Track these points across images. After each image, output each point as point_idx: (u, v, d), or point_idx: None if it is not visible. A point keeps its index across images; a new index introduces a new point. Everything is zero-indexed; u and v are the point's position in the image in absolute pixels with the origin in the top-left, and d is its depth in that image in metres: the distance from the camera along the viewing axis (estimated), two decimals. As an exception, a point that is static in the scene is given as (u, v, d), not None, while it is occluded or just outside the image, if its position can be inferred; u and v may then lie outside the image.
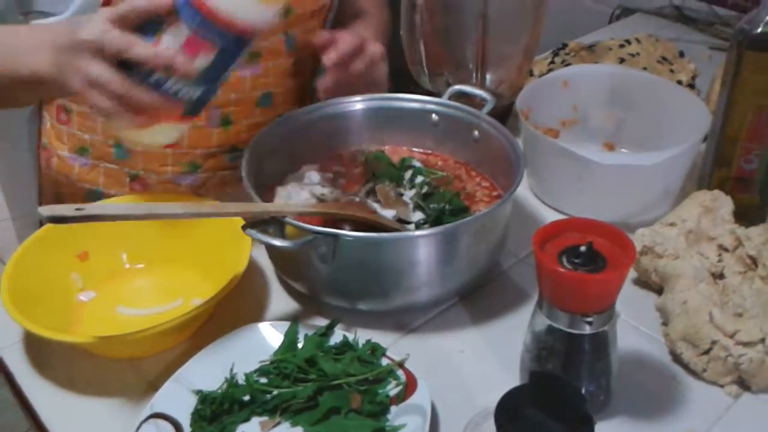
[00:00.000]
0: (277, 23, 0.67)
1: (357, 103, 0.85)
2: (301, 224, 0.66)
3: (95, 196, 0.89)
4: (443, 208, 0.75)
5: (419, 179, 0.80)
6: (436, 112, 0.84)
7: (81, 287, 0.74)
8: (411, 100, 0.85)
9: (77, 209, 0.58)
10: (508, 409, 0.49)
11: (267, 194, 0.77)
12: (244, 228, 0.66)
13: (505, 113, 1.00)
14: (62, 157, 0.92)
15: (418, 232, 0.68)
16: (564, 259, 0.56)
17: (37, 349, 0.68)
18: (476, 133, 0.81)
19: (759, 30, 0.72)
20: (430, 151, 0.87)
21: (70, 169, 0.92)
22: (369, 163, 0.84)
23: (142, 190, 0.89)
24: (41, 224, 0.85)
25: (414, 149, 0.87)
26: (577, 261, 0.55)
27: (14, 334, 0.69)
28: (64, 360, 0.67)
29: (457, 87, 0.86)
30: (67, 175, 0.92)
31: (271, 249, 0.74)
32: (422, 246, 0.67)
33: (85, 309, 0.72)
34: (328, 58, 0.77)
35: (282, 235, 0.68)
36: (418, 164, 0.83)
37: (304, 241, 0.65)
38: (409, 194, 0.78)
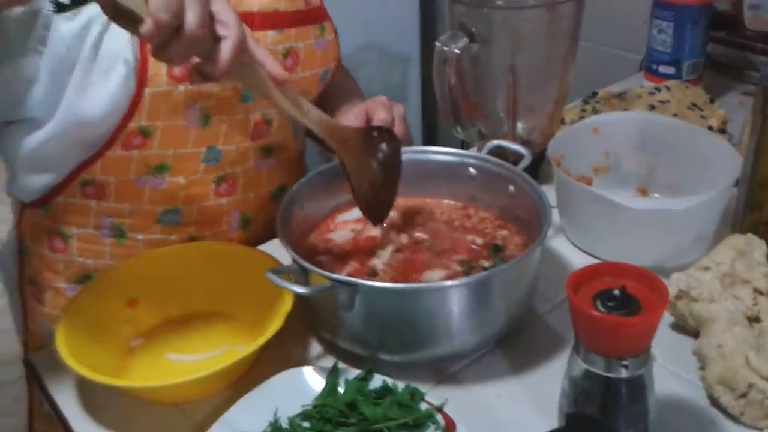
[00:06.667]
0: None
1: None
2: (320, 271, 0.68)
3: None
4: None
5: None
6: (474, 166, 0.87)
7: (131, 334, 0.77)
8: (449, 154, 0.88)
9: None
10: (546, 451, 0.50)
11: (299, 244, 0.81)
12: (267, 273, 0.67)
13: (537, 160, 1.02)
14: (58, 290, 0.90)
15: (449, 283, 0.70)
16: (598, 303, 0.57)
17: (91, 393, 0.71)
18: (512, 188, 0.83)
19: (786, 76, 0.74)
20: (467, 205, 0.89)
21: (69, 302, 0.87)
22: None
23: None
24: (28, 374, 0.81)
25: (451, 201, 0.89)
26: (611, 305, 0.56)
27: (69, 379, 0.72)
28: (116, 404, 0.70)
29: (496, 142, 0.89)
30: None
31: (305, 304, 0.75)
32: (454, 297, 0.68)
33: (134, 355, 0.75)
34: None
35: (306, 283, 0.70)
36: None
37: (322, 288, 0.67)
38: None
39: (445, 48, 0.91)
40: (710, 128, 1.01)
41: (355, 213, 0.87)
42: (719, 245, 0.76)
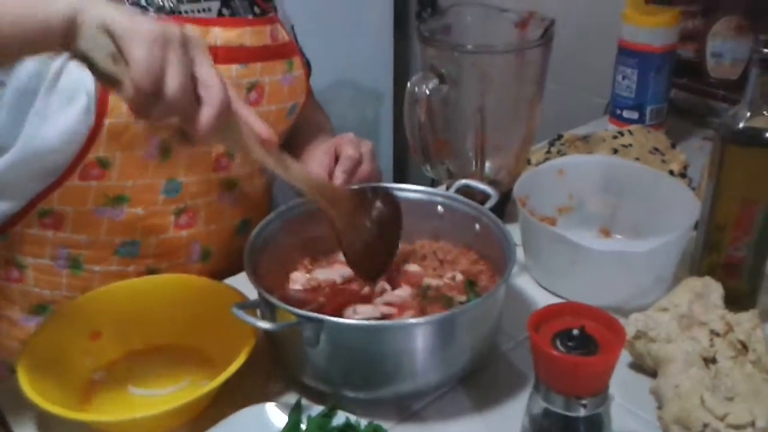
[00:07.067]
0: None
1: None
2: (287, 307, 0.68)
3: None
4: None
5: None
6: (442, 204, 0.88)
7: (93, 367, 0.76)
8: (418, 191, 0.89)
9: None
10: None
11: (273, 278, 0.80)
12: (232, 308, 0.67)
13: (504, 199, 1.04)
14: (13, 320, 0.90)
15: (413, 320, 0.71)
16: (558, 342, 0.58)
17: (52, 427, 0.70)
18: (477, 226, 0.84)
19: (741, 125, 0.77)
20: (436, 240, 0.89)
21: (24, 332, 0.88)
22: None
23: None
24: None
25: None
26: (570, 344, 0.57)
27: (29, 411, 0.71)
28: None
29: (464, 181, 0.90)
30: (21, 339, 0.88)
31: (270, 339, 0.76)
32: (418, 334, 0.69)
33: (97, 388, 0.74)
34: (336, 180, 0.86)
35: (272, 318, 0.70)
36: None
37: (288, 324, 0.67)
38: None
39: (416, 89, 0.93)
40: (671, 172, 1.04)
41: None
42: (677, 287, 0.78)
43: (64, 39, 0.59)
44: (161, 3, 0.84)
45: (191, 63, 0.59)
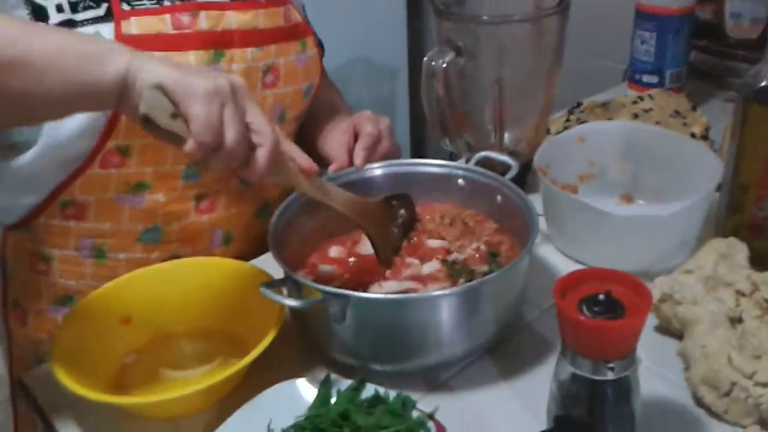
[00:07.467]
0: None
1: (383, 168, 0.90)
2: (312, 284, 0.69)
3: None
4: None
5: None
6: (462, 177, 0.88)
7: (124, 351, 0.78)
8: (438, 165, 0.90)
9: None
10: (533, 453, 0.51)
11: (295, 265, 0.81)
12: (261, 287, 0.69)
13: (524, 170, 1.03)
14: (41, 311, 0.90)
15: (438, 293, 0.71)
16: (584, 308, 0.58)
17: (87, 411, 0.72)
18: (499, 197, 0.84)
19: (763, 83, 0.76)
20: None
21: (51, 323, 0.89)
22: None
23: None
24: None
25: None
26: (596, 309, 0.57)
27: (64, 398, 0.72)
28: (113, 421, 0.70)
29: (483, 153, 0.90)
30: (49, 330, 0.89)
31: (297, 316, 0.77)
32: (444, 306, 0.69)
33: (129, 371, 0.76)
34: (357, 162, 0.90)
35: (298, 296, 0.72)
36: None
37: (314, 301, 0.68)
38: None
39: (433, 63, 0.93)
40: (693, 135, 1.03)
41: None
42: (702, 249, 0.77)
43: (118, 100, 0.63)
44: None
45: (243, 112, 0.63)
